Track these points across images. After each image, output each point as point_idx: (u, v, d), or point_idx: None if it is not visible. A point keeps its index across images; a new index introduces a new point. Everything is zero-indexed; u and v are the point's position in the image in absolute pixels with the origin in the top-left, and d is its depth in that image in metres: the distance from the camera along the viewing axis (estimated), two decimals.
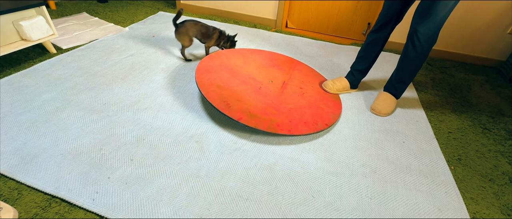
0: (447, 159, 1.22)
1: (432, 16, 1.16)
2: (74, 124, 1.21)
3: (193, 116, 1.32)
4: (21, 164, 1.00)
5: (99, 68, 1.63)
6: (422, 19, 1.19)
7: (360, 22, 2.34)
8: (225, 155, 1.12)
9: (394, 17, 1.32)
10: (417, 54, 1.27)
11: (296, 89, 1.49)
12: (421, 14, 1.19)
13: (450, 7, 1.13)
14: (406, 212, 0.96)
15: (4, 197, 0.91)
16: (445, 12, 1.14)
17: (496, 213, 1.01)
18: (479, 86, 1.85)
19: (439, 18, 1.15)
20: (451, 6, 1.13)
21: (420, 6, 1.20)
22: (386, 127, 1.36)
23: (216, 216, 0.89)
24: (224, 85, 1.37)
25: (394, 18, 1.33)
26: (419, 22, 1.20)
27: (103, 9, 2.58)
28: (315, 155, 1.16)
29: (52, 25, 1.67)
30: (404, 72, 1.39)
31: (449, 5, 1.12)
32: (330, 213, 0.94)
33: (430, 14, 1.16)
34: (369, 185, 1.05)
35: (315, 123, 1.28)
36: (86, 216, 0.87)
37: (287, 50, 2.10)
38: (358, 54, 1.54)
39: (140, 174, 1.01)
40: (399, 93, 1.46)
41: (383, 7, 1.34)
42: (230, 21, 2.57)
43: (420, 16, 1.19)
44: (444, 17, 1.16)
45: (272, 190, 1.00)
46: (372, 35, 1.43)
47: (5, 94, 1.35)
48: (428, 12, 1.16)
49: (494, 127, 1.45)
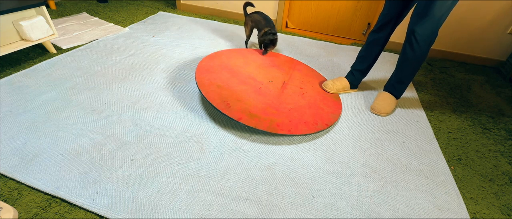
0: (447, 159, 1.22)
1: (429, 16, 1.15)
2: (74, 124, 1.21)
3: (193, 116, 1.32)
4: (21, 164, 1.00)
5: (99, 68, 1.63)
6: (419, 19, 1.19)
7: (360, 22, 2.34)
8: (225, 155, 1.12)
9: (395, 17, 1.32)
10: (415, 55, 1.27)
11: (296, 89, 1.49)
12: (419, 14, 1.19)
13: (447, 7, 1.13)
14: (406, 212, 0.96)
15: (4, 197, 0.91)
16: (443, 12, 1.14)
17: (496, 213, 1.01)
18: (479, 86, 1.85)
19: (437, 18, 1.15)
20: (448, 7, 1.13)
21: (418, 7, 1.20)
22: (386, 127, 1.36)
23: (216, 216, 0.89)
24: (224, 85, 1.37)
25: (394, 19, 1.33)
26: (417, 23, 1.20)
27: (103, 9, 2.58)
28: (315, 155, 1.16)
29: (52, 25, 1.67)
30: (403, 73, 1.39)
31: (446, 6, 1.12)
32: (330, 213, 0.94)
33: (427, 14, 1.16)
34: (369, 185, 1.05)
35: (315, 123, 1.28)
36: (86, 216, 0.87)
37: (287, 50, 2.10)
38: (359, 54, 1.54)
39: (140, 174, 1.01)
40: (399, 93, 1.46)
41: (384, 7, 1.34)
42: (230, 21, 2.57)
43: (418, 17, 1.19)
44: (442, 17, 1.15)
45: (272, 190, 1.00)
46: (372, 35, 1.43)
47: (5, 94, 1.35)
48: (426, 12, 1.16)
49: (494, 127, 1.45)
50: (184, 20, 2.48)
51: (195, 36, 2.18)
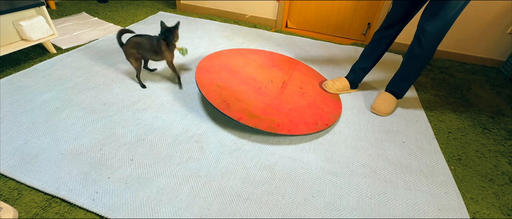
0: (447, 159, 1.22)
1: (441, 16, 1.15)
2: (74, 124, 1.21)
3: (193, 116, 1.32)
4: (21, 164, 1.00)
5: (99, 68, 1.63)
6: (430, 18, 1.18)
7: (360, 22, 2.34)
8: (225, 155, 1.12)
9: (403, 17, 1.31)
10: (423, 53, 1.27)
11: (296, 89, 1.49)
12: (430, 13, 1.18)
13: (459, 7, 1.12)
14: (406, 212, 0.96)
15: (4, 197, 0.91)
16: (454, 12, 1.14)
17: (496, 213, 1.01)
18: (479, 86, 1.85)
19: (448, 18, 1.15)
20: (460, 7, 1.12)
21: (429, 6, 1.19)
22: (386, 127, 1.36)
23: (216, 216, 0.89)
24: (224, 85, 1.37)
25: (402, 19, 1.32)
26: (427, 22, 1.20)
27: (103, 9, 2.58)
28: (315, 155, 1.16)
29: (52, 25, 1.67)
30: (408, 71, 1.38)
31: (459, 6, 1.12)
32: (330, 213, 0.94)
33: (439, 14, 1.15)
34: (369, 185, 1.05)
35: (315, 123, 1.28)
36: (86, 216, 0.87)
37: (287, 50, 2.09)
38: (363, 52, 1.53)
39: (140, 174, 1.01)
40: (402, 92, 1.46)
41: (392, 6, 1.33)
42: (230, 21, 2.57)
43: (429, 16, 1.19)
44: (453, 17, 1.15)
45: (272, 190, 0.99)
46: (379, 33, 1.42)
47: (5, 94, 1.35)
48: (437, 12, 1.16)
49: (494, 127, 1.45)
50: (184, 20, 2.48)
51: (195, 36, 2.18)
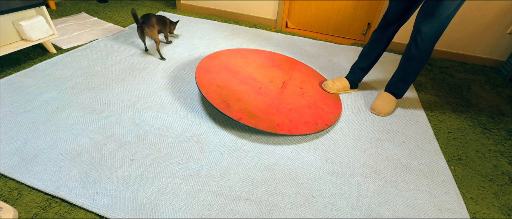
0: (447, 159, 1.22)
1: (436, 16, 1.15)
2: (74, 124, 1.21)
3: (193, 116, 1.32)
4: (21, 164, 1.00)
5: (99, 68, 1.63)
6: (426, 18, 1.19)
7: (360, 22, 2.34)
8: (225, 155, 1.12)
9: (400, 17, 1.32)
10: (420, 53, 1.27)
11: (296, 89, 1.49)
12: (426, 13, 1.18)
13: (454, 7, 1.13)
14: (406, 212, 0.96)
15: (4, 197, 0.91)
16: (450, 12, 1.14)
17: (496, 213, 1.01)
18: (479, 86, 1.85)
19: (443, 18, 1.15)
20: (455, 7, 1.12)
21: (425, 6, 1.20)
22: (386, 127, 1.36)
23: (216, 216, 0.89)
24: (224, 85, 1.37)
25: (399, 18, 1.32)
26: (423, 22, 1.20)
27: (103, 9, 2.58)
28: (315, 155, 1.16)
29: (52, 25, 1.67)
30: (406, 71, 1.38)
31: (454, 5, 1.12)
32: (330, 213, 0.94)
33: (434, 14, 1.16)
34: (369, 185, 1.05)
35: (315, 123, 1.28)
36: (86, 216, 0.87)
37: (287, 50, 2.10)
38: (361, 52, 1.53)
39: (140, 174, 1.01)
40: (401, 92, 1.46)
41: (389, 6, 1.33)
42: (230, 21, 2.57)
43: (425, 16, 1.19)
44: (449, 17, 1.15)
45: (272, 190, 1.00)
46: (377, 33, 1.42)
47: (5, 94, 1.35)
48: (433, 12, 1.16)
49: (494, 127, 1.45)
50: (184, 20, 2.49)
51: (195, 36, 2.18)
